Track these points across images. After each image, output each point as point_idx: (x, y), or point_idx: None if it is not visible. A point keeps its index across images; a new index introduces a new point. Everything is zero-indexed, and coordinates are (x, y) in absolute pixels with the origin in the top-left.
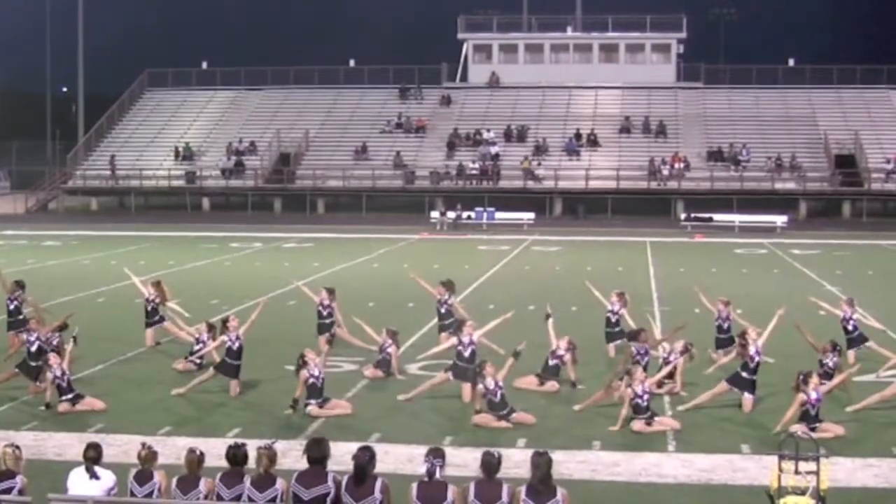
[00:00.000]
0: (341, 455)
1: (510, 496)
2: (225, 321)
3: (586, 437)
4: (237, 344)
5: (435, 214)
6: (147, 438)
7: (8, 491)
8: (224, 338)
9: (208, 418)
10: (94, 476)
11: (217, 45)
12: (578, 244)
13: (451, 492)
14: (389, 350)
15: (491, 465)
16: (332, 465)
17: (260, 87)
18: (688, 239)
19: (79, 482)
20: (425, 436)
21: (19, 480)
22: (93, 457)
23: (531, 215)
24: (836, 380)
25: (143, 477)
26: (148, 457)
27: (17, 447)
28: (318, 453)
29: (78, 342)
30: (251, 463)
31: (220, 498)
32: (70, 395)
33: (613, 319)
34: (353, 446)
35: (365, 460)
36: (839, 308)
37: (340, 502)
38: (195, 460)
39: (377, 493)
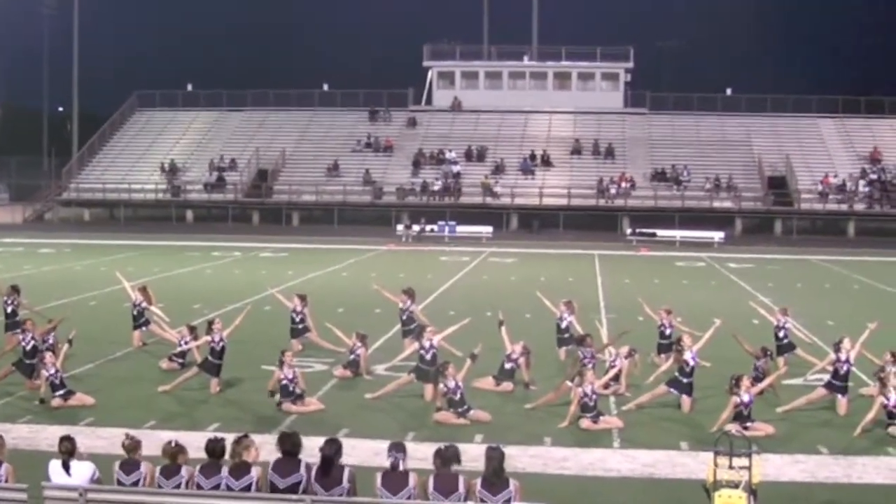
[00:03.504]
0: (312, 448)
1: (466, 488)
2: (211, 322)
3: (538, 434)
4: (220, 345)
5: (400, 227)
6: (133, 432)
7: None
8: (207, 338)
9: (190, 413)
10: (67, 472)
11: (201, 70)
12: (532, 256)
13: (413, 480)
14: (359, 352)
15: (447, 458)
16: (304, 457)
17: (240, 108)
18: (633, 252)
19: (56, 473)
20: (390, 431)
21: (4, 469)
22: (67, 450)
23: (489, 229)
24: (765, 382)
25: (130, 467)
26: (132, 446)
27: (0, 436)
28: (288, 445)
29: (73, 343)
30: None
31: (199, 487)
32: (62, 391)
33: (563, 326)
34: (324, 440)
35: (331, 452)
36: (774, 316)
37: (311, 489)
38: (171, 451)
39: (345, 483)
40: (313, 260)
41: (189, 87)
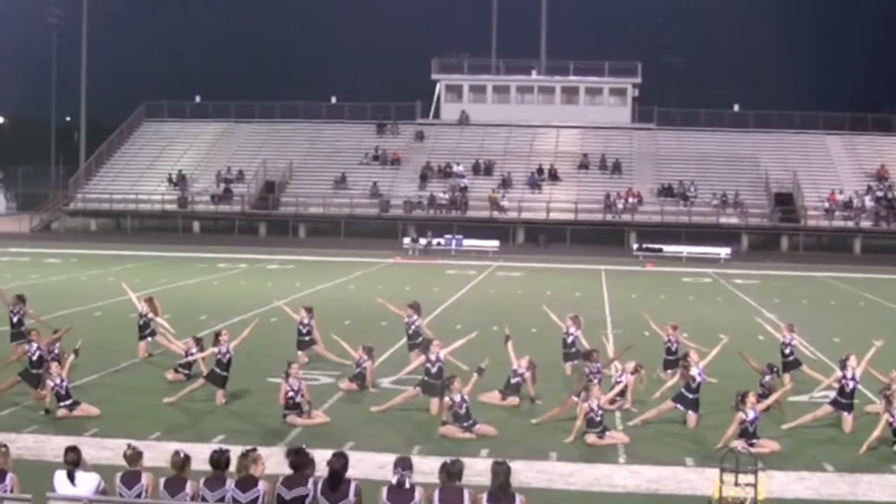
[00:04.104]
0: (318, 461)
1: (472, 502)
2: (218, 334)
3: (544, 449)
4: (227, 356)
5: (407, 241)
6: (138, 443)
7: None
8: (214, 349)
9: (195, 425)
10: (72, 482)
11: (210, 81)
12: (539, 271)
13: (419, 494)
14: (365, 365)
15: (453, 473)
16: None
17: (248, 120)
18: (639, 268)
19: (62, 484)
20: (395, 445)
21: (9, 479)
22: (72, 460)
23: (496, 243)
24: (771, 398)
25: (131, 479)
26: (133, 457)
27: (5, 445)
28: (295, 460)
29: (79, 354)
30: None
31: (203, 500)
32: (68, 402)
33: (569, 340)
34: (330, 453)
35: (339, 466)
36: (780, 333)
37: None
38: (179, 462)
39: (351, 497)
40: (320, 272)
41: (197, 99)
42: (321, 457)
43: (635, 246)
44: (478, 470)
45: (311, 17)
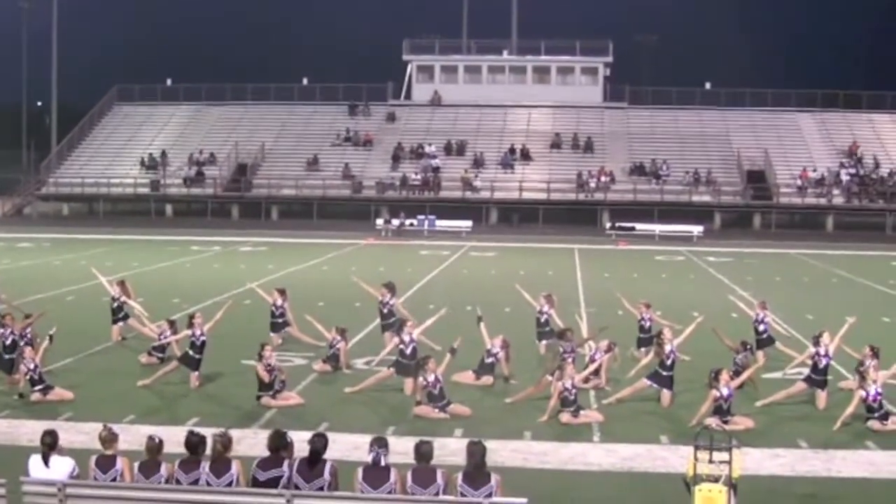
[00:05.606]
0: (295, 443)
1: (445, 481)
2: (191, 317)
3: (518, 428)
4: (201, 339)
5: (380, 222)
6: (112, 426)
7: None
8: (188, 332)
9: (170, 408)
10: (47, 465)
11: (181, 64)
12: (512, 250)
13: (394, 474)
14: (339, 346)
15: (425, 453)
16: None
17: (220, 102)
18: (612, 246)
19: (36, 468)
20: (370, 425)
21: None
22: (49, 443)
23: (469, 223)
24: (744, 375)
25: (106, 464)
26: (109, 438)
27: None
28: (271, 444)
29: (54, 339)
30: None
31: (178, 483)
32: (41, 386)
33: (543, 319)
34: (304, 435)
35: (320, 446)
36: (753, 310)
37: (293, 484)
38: (154, 447)
39: (327, 475)
40: (293, 254)
41: (168, 82)
42: (295, 438)
43: (608, 225)
44: (452, 450)
45: None
